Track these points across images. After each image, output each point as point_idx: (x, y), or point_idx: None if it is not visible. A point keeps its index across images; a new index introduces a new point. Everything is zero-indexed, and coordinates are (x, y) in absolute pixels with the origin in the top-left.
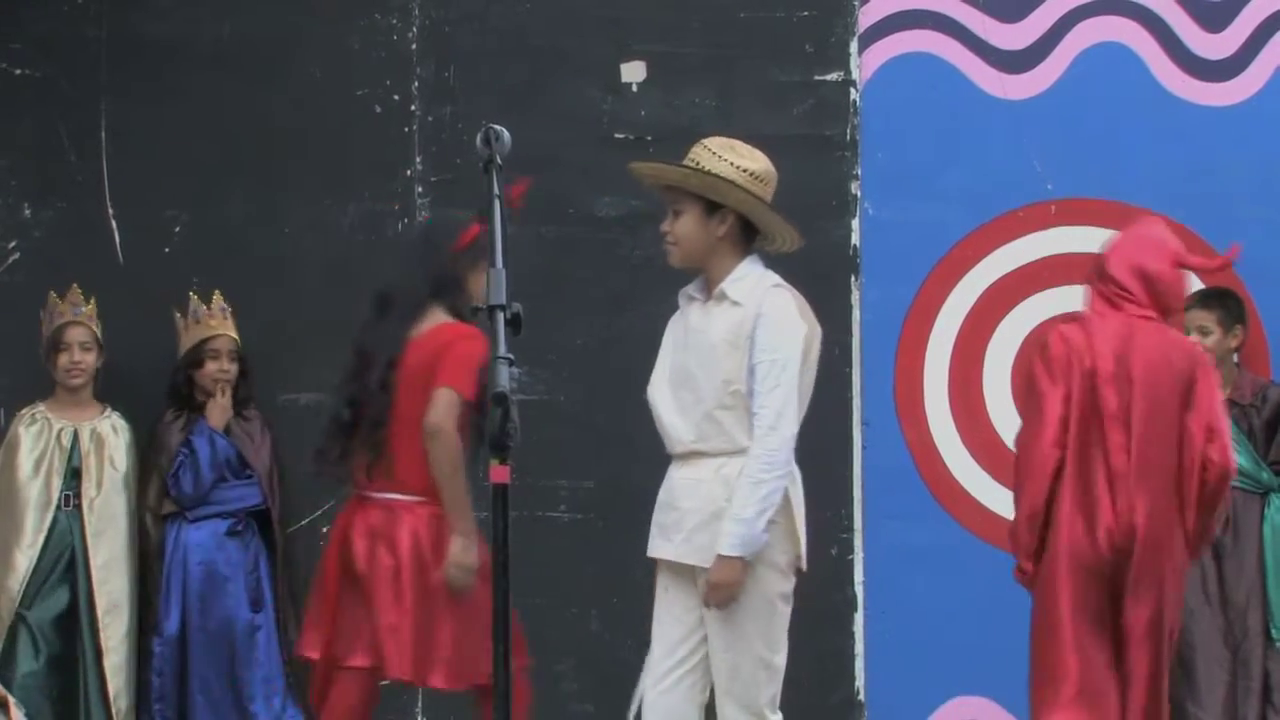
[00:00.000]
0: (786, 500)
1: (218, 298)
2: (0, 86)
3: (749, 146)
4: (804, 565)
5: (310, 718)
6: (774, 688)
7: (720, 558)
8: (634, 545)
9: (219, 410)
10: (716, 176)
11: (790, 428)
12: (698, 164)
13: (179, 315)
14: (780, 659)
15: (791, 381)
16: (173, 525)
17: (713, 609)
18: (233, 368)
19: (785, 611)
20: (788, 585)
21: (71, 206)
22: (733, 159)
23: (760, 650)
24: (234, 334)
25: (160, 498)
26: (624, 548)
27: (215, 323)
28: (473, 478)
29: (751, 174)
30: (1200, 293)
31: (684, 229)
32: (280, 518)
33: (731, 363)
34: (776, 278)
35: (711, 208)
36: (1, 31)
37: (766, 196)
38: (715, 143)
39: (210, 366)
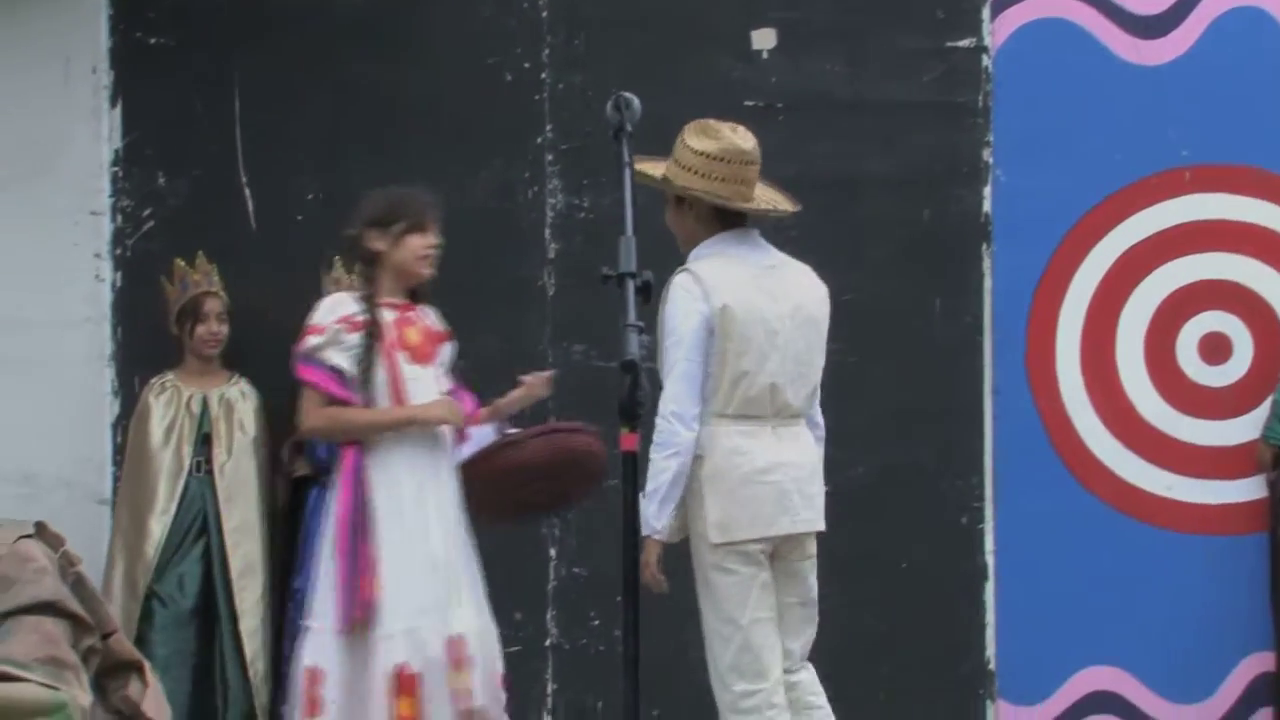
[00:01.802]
0: (697, 475)
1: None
2: (135, 56)
3: (720, 125)
4: (726, 538)
5: None
6: (730, 655)
7: None
8: None
9: None
10: (646, 175)
11: (669, 405)
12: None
13: (323, 274)
14: (730, 628)
15: (674, 362)
16: (315, 486)
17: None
18: None
19: (724, 582)
20: (717, 556)
21: (205, 175)
22: (693, 143)
23: (709, 620)
24: None
25: (292, 461)
26: None
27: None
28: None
29: (707, 155)
30: None
31: (669, 219)
32: None
33: None
34: (703, 256)
35: (680, 196)
36: (136, 1)
37: (727, 174)
38: (690, 127)
39: None
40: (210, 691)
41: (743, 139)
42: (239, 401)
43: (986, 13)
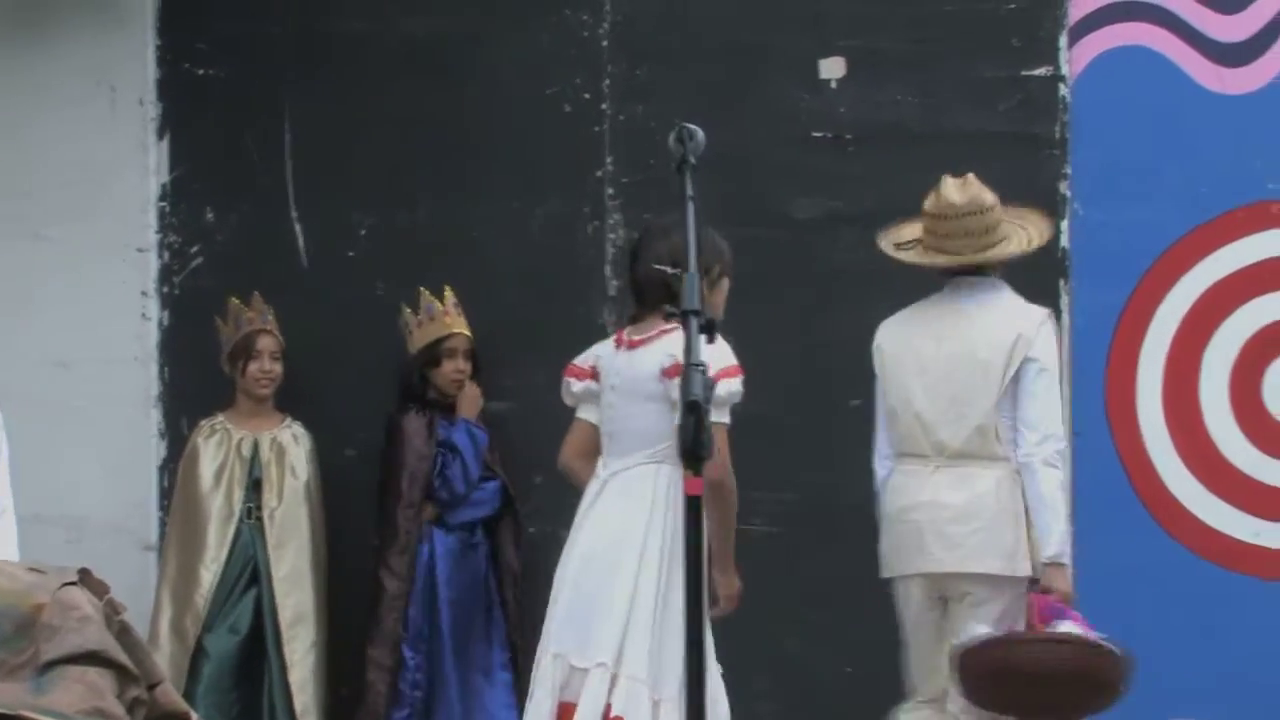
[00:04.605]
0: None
1: (450, 293)
2: (183, 87)
3: (951, 180)
4: (883, 574)
5: None
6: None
7: None
8: (834, 559)
9: (471, 401)
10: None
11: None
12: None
13: (409, 311)
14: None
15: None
16: (425, 530)
17: None
18: (468, 366)
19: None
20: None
21: (254, 210)
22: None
23: None
24: (468, 331)
25: (417, 500)
26: (823, 562)
27: (450, 320)
28: None
29: (923, 211)
30: None
31: None
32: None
33: None
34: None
35: None
36: (185, 31)
37: (931, 228)
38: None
39: (447, 366)
40: None
41: (953, 191)
42: (291, 445)
43: (1064, 40)
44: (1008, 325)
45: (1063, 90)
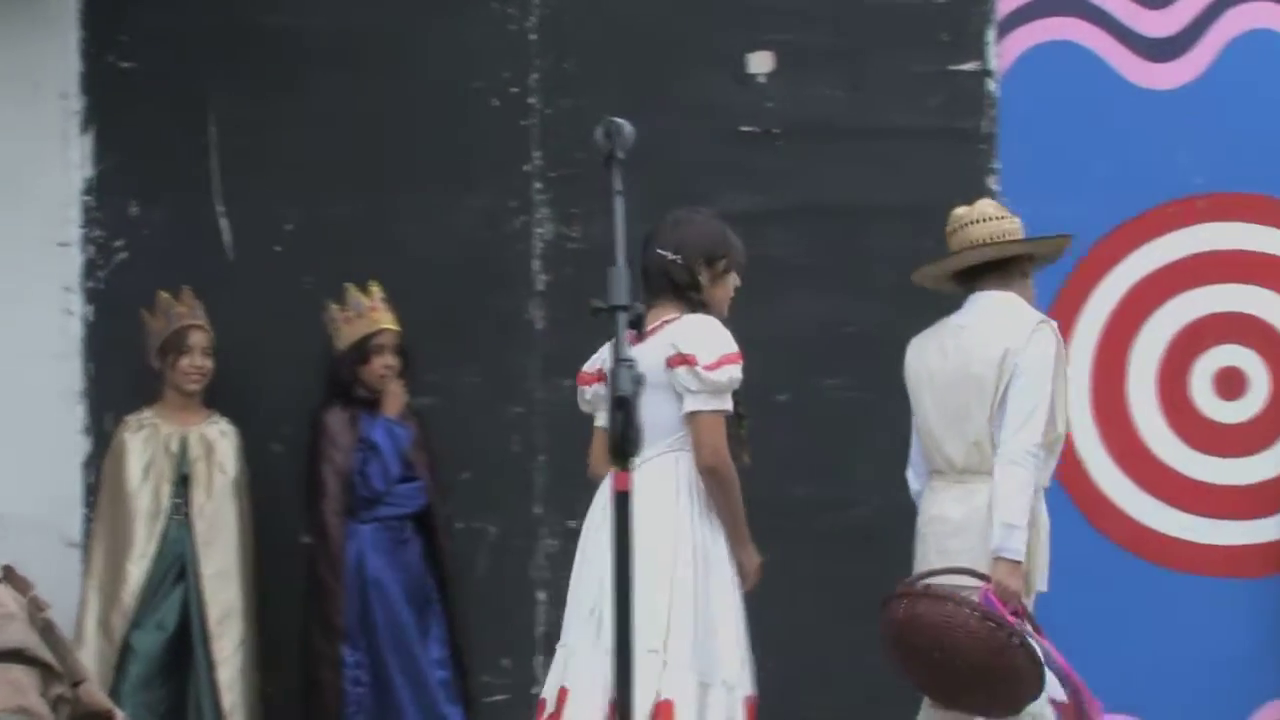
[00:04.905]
0: None
1: (377, 289)
2: (107, 80)
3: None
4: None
5: None
6: None
7: None
8: (764, 557)
9: (394, 399)
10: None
11: None
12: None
13: (335, 307)
14: None
15: None
16: (350, 526)
17: None
18: (397, 362)
19: None
20: None
21: (180, 204)
22: None
23: None
24: (396, 326)
25: (342, 496)
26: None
27: (378, 315)
28: None
29: None
30: None
31: None
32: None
33: None
34: None
35: None
36: (108, 23)
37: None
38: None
39: (375, 362)
40: None
41: (962, 207)
42: (219, 441)
43: (992, 35)
44: (999, 339)
45: (990, 85)
